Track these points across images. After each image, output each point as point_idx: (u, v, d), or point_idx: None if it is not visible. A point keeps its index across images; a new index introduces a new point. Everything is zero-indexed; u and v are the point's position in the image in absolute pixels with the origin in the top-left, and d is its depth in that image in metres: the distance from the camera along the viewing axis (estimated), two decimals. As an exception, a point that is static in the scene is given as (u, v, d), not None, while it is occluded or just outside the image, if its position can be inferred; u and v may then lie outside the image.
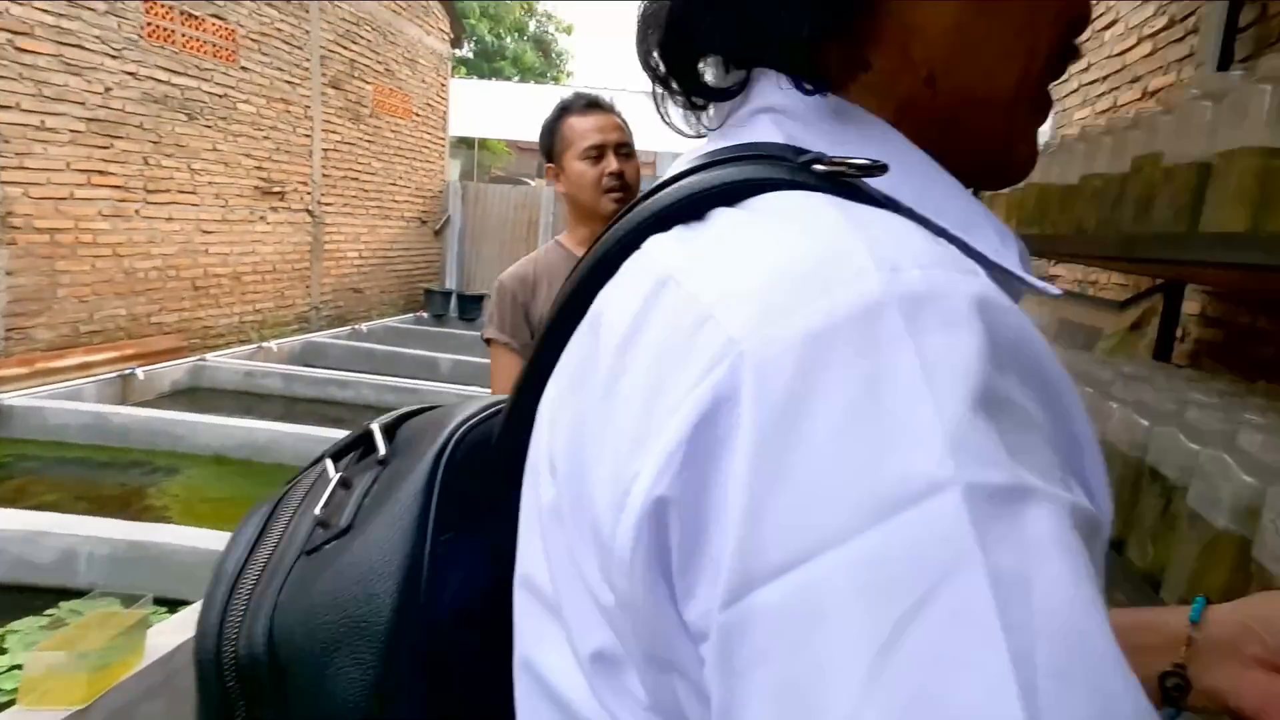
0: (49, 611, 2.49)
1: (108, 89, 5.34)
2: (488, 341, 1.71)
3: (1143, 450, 1.16)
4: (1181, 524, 1.00)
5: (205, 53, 6.21)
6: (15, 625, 2.44)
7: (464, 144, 16.21)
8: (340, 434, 2.99)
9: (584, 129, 1.65)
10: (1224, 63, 2.10)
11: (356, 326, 8.06)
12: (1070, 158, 1.76)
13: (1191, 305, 2.32)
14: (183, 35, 5.97)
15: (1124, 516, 1.19)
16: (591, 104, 1.69)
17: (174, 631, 1.89)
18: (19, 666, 2.26)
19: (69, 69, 5.04)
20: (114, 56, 5.38)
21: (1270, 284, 1.75)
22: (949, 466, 0.25)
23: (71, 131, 5.10)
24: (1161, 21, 2.76)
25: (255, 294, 7.09)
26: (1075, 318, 2.60)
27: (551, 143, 1.70)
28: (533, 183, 15.75)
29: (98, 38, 5.23)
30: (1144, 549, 1.12)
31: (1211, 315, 2.25)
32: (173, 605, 2.22)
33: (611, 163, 1.63)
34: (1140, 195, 1.33)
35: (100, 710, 1.60)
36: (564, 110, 1.69)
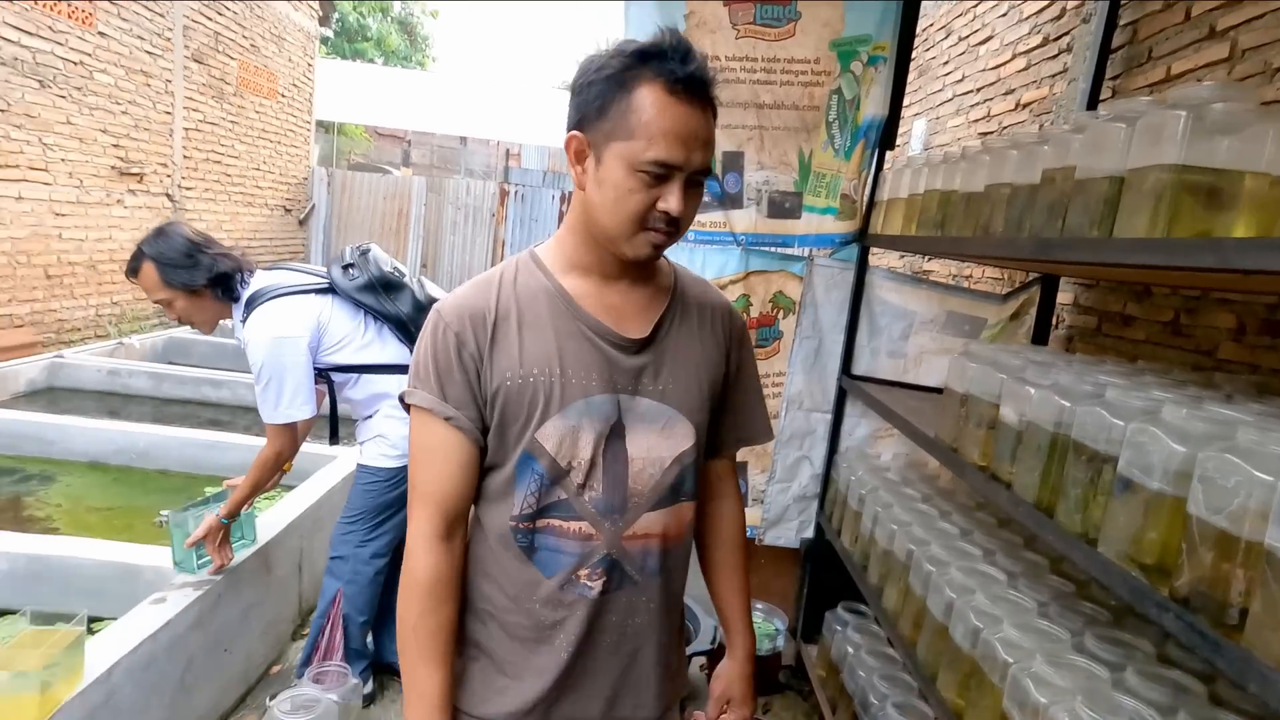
0: (-43, 633, 2.27)
1: (-49, 47, 4.78)
2: (408, 407, 1.10)
3: (1067, 428, 1.33)
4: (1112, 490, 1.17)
5: (59, 12, 5.64)
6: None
7: (322, 128, 15.48)
8: (221, 437, 2.93)
9: (664, 124, 0.97)
10: (1097, 79, 2.37)
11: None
12: (974, 168, 1.94)
13: (1065, 296, 2.61)
14: (35, -9, 5.42)
15: (1051, 486, 1.37)
16: (693, 81, 0.98)
17: (107, 650, 1.79)
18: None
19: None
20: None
21: (1145, 277, 2.02)
22: None
23: (-90, 96, 4.54)
24: (1036, 40, 3.06)
25: (113, 285, 6.54)
26: (960, 309, 2.85)
27: (602, 108, 1.00)
28: (396, 171, 15.25)
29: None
30: (1070, 515, 1.29)
31: (1084, 304, 2.54)
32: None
33: (673, 198, 0.99)
34: (1053, 202, 1.51)
35: (51, 732, 1.51)
36: (643, 60, 0.98)
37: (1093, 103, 2.37)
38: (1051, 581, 1.73)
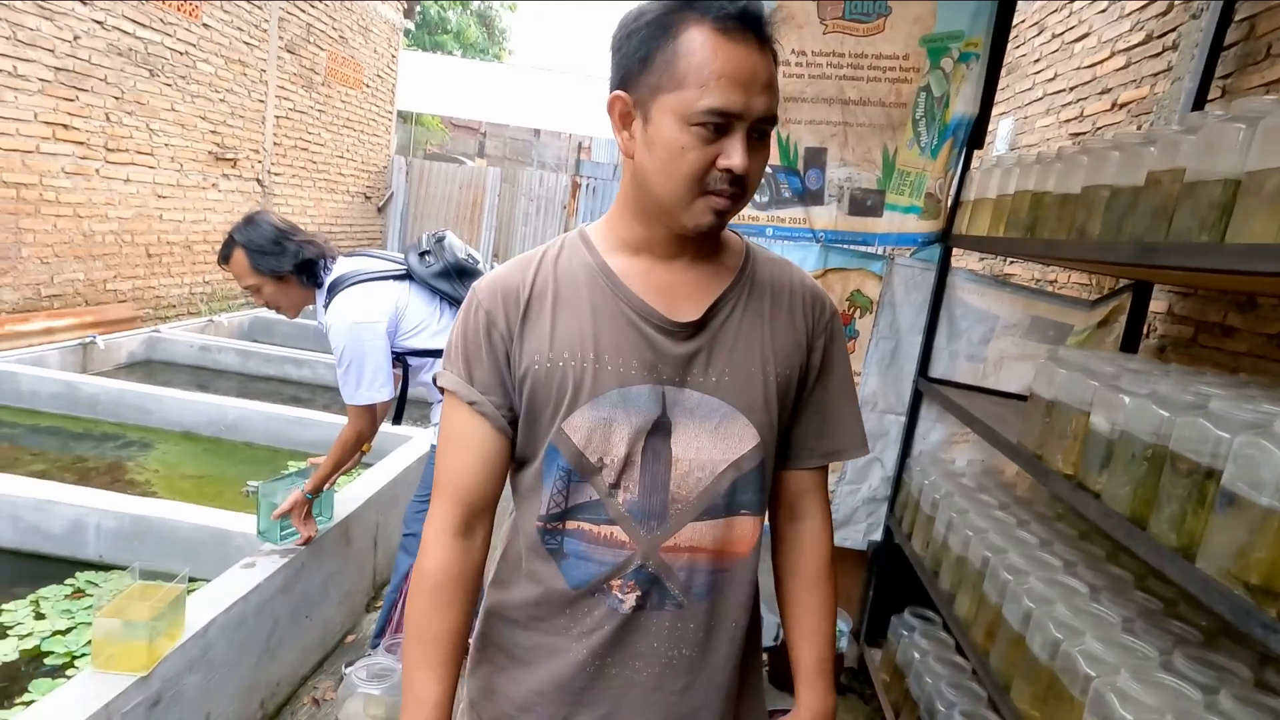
0: (68, 581, 2.45)
1: (76, 37, 5.10)
2: (442, 390, 1.02)
3: (1165, 438, 1.29)
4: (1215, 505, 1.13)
5: (170, 5, 5.95)
6: (43, 592, 2.41)
7: (400, 118, 15.83)
8: (304, 414, 3.06)
9: (716, 66, 0.84)
10: (1205, 78, 2.26)
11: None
12: (1070, 169, 1.88)
13: (1158, 303, 2.51)
14: (150, -16, 5.73)
15: (1145, 498, 1.33)
16: (746, 16, 0.86)
17: (204, 608, 1.89)
18: (60, 632, 2.25)
19: (42, 13, 4.80)
20: (84, 2, 5.13)
21: (1254, 285, 1.93)
22: None
23: (41, 80, 4.86)
24: (1138, 37, 2.93)
25: (205, 264, 6.86)
26: (1045, 314, 2.77)
27: (645, 59, 0.88)
28: (471, 162, 15.54)
29: (71, -21, 4.99)
30: (1166, 528, 1.25)
31: (1179, 313, 2.44)
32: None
33: (735, 152, 0.86)
34: (1157, 206, 1.45)
35: (156, 679, 1.62)
36: (686, 6, 0.87)
37: (1199, 103, 2.27)
38: (1137, 598, 1.68)
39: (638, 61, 0.88)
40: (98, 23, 5.26)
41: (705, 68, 0.84)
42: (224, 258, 2.23)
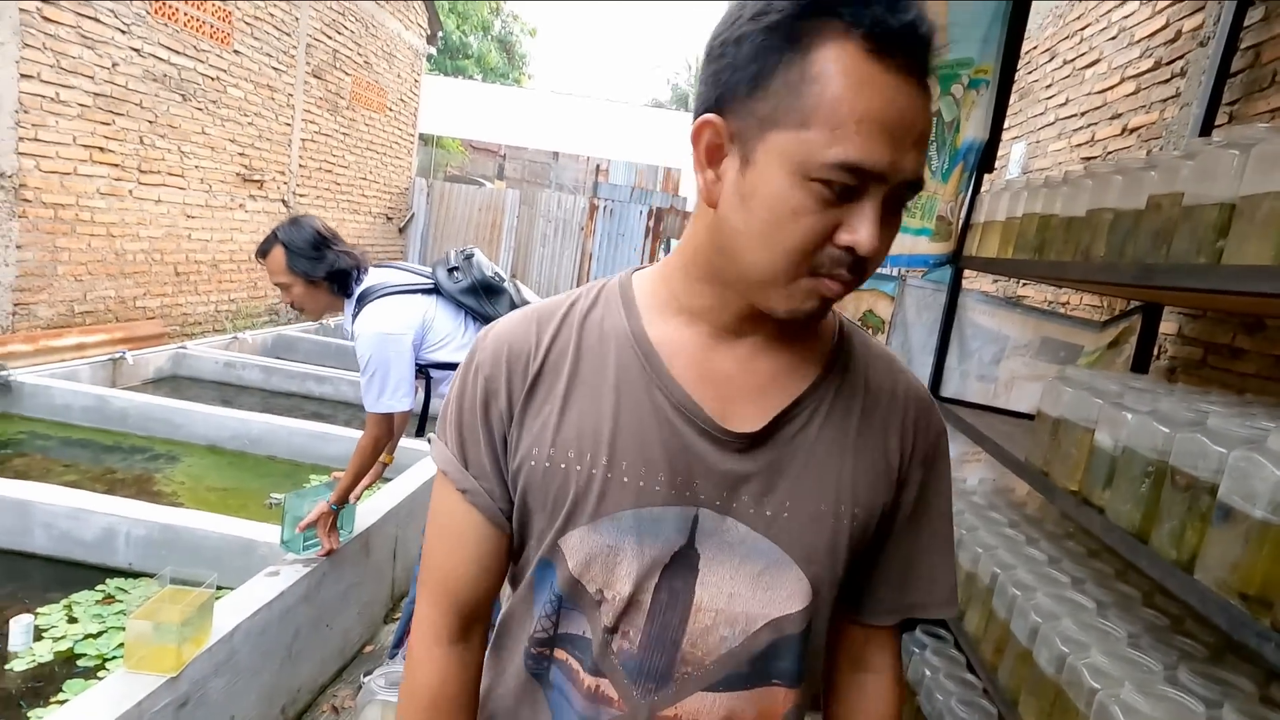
0: (99, 587, 2.53)
1: (115, 64, 5.30)
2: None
3: (1165, 454, 1.32)
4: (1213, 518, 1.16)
5: (204, 33, 6.16)
6: (75, 598, 2.49)
7: (421, 140, 16.07)
8: (325, 429, 3.14)
9: (861, 104, 0.60)
10: (1212, 104, 2.31)
11: (324, 321, 8.01)
12: (1076, 192, 1.93)
13: (1168, 325, 2.53)
14: (185, 14, 5.92)
15: (1147, 513, 1.36)
16: (910, 39, 0.61)
17: (230, 614, 1.95)
18: (92, 635, 2.32)
19: (84, 41, 5.00)
20: (124, 31, 5.34)
21: (1254, 307, 1.96)
22: None
23: (80, 105, 5.05)
24: (1148, 63, 2.98)
25: (231, 283, 7.01)
26: (1056, 335, 2.79)
27: (757, 77, 0.63)
28: (490, 184, 15.76)
29: (111, 10, 5.18)
30: (1166, 542, 1.28)
31: (1189, 334, 2.46)
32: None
33: (864, 226, 0.63)
34: (1158, 229, 1.50)
35: (184, 681, 1.68)
36: (826, 7, 0.61)
37: (1207, 128, 2.31)
38: (1144, 614, 1.70)
39: (748, 79, 0.63)
40: (135, 50, 5.45)
41: (844, 103, 0.60)
42: (262, 252, 2.31)
